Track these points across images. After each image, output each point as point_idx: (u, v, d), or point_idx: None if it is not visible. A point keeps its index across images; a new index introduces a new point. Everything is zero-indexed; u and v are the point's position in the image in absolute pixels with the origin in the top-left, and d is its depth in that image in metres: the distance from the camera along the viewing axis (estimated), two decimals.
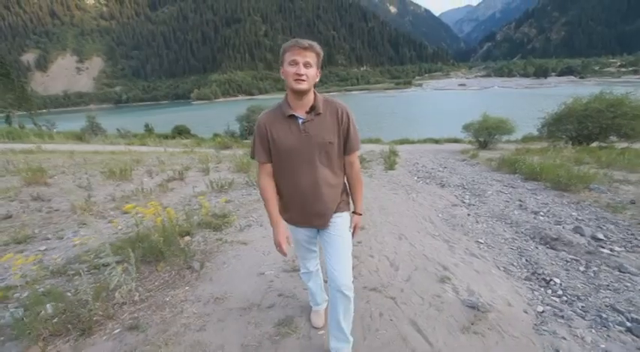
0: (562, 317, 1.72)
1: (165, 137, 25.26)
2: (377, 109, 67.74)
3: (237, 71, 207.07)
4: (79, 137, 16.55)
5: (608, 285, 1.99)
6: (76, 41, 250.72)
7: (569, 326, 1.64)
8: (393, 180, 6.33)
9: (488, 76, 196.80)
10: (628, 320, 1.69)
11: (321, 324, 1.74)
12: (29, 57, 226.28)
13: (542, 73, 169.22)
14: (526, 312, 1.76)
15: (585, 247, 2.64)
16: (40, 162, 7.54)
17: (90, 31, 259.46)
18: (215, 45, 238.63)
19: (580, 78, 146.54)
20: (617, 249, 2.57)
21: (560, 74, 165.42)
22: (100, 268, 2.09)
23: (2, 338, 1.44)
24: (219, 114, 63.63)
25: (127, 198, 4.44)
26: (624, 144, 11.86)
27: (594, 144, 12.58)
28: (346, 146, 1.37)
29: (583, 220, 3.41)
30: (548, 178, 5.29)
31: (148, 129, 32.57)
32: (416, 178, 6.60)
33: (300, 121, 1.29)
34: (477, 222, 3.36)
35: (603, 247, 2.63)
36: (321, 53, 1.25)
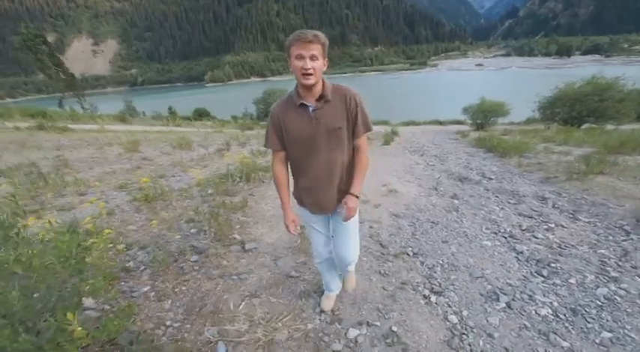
0: (428, 195, 3.84)
1: (190, 119, 27.66)
2: (388, 92, 68.24)
3: (249, 52, 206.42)
4: (121, 119, 19.03)
5: (463, 189, 4.10)
6: (91, 24, 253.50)
7: (429, 196, 3.77)
8: (385, 151, 8.32)
9: (507, 55, 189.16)
10: (455, 194, 3.81)
11: (329, 309, 1.85)
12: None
13: (565, 51, 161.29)
14: (414, 194, 3.89)
15: (476, 180, 4.68)
16: (111, 139, 9.91)
17: (104, 13, 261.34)
18: (227, 25, 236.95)
19: (606, 57, 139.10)
20: (493, 181, 4.62)
21: (585, 53, 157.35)
22: (218, 183, 4.31)
23: (199, 198, 3.68)
24: (234, 97, 65.68)
25: (200, 159, 6.69)
26: (613, 127, 13.01)
27: (585, 126, 13.75)
28: (354, 130, 1.42)
29: (495, 172, 5.40)
30: (499, 150, 7.21)
31: (172, 112, 35.08)
32: (406, 151, 8.56)
33: (311, 109, 1.36)
34: (425, 171, 5.42)
35: (486, 181, 4.68)
36: (327, 42, 1.28)
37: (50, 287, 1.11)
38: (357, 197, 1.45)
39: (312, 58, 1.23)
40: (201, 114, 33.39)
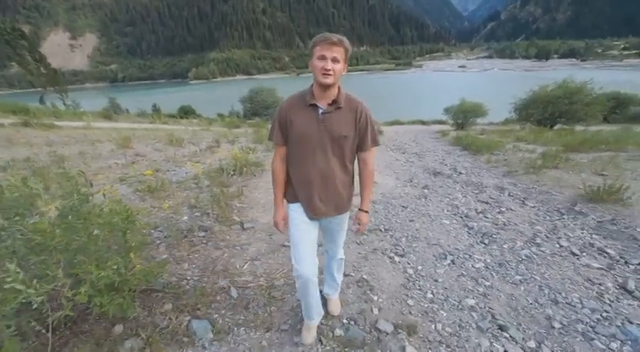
0: (404, 186, 4.40)
1: (175, 117, 27.46)
2: (374, 91, 69.19)
3: (234, 50, 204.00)
4: (106, 116, 18.85)
5: (434, 182, 4.68)
6: (68, 16, 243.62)
7: (403, 187, 4.32)
8: None
9: (489, 57, 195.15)
10: (427, 185, 4.38)
11: (311, 341, 1.64)
12: None
13: (543, 55, 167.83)
14: (391, 185, 4.44)
15: (448, 174, 5.27)
16: (100, 136, 10.03)
17: (81, 6, 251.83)
18: (212, 22, 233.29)
19: (581, 61, 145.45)
20: (462, 175, 5.22)
21: (563, 56, 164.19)
22: (213, 176, 4.71)
23: (197, 189, 4.07)
24: (219, 95, 65.08)
25: (192, 155, 7.02)
26: (583, 127, 13.94)
27: (558, 127, 14.66)
28: (361, 143, 1.45)
29: (466, 167, 6.01)
30: (472, 148, 7.87)
31: (156, 110, 34.61)
32: (388, 149, 9.11)
33: (320, 112, 1.37)
34: (403, 166, 5.99)
35: (457, 175, 5.26)
36: (350, 48, 1.31)
37: (109, 239, 1.52)
38: (367, 212, 1.57)
39: (334, 60, 1.27)
40: (186, 112, 33.02)
